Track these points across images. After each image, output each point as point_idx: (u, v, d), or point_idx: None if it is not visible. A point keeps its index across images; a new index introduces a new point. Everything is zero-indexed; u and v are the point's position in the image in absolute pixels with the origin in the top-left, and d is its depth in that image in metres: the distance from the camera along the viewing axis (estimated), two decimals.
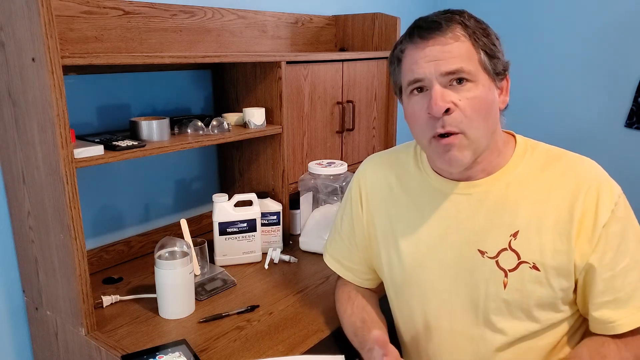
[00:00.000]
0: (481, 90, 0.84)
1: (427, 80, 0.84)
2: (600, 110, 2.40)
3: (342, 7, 2.18)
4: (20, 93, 1.03)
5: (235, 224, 1.43)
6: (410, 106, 0.88)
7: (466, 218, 0.91)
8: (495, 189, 0.90)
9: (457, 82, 0.83)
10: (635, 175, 2.32)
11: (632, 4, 2.23)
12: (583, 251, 0.85)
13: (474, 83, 0.83)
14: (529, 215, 0.87)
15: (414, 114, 0.88)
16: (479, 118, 0.84)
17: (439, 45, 0.83)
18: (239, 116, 1.52)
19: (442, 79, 0.83)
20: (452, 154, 0.85)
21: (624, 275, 0.84)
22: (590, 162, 0.90)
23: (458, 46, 0.83)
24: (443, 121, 0.83)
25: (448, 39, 0.83)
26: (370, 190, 1.05)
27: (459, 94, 0.83)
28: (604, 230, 0.84)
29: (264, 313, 1.18)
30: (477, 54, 0.84)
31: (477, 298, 0.90)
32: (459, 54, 0.83)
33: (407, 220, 0.98)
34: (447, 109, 0.82)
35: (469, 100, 0.83)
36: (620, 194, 0.86)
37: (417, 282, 0.97)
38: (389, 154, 1.08)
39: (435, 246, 0.94)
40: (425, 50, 0.84)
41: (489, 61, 0.85)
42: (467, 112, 0.83)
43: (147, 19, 1.44)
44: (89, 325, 1.08)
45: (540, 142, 0.95)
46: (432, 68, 0.83)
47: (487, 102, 0.85)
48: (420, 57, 0.84)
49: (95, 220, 1.43)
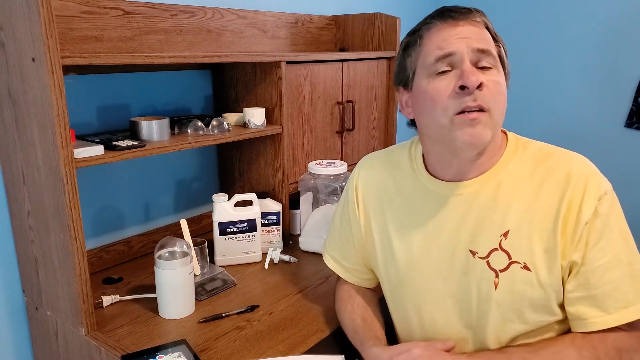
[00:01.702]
0: (501, 78, 0.86)
1: (459, 55, 0.84)
2: (600, 110, 2.40)
3: (342, 7, 2.18)
4: (20, 93, 1.03)
5: (235, 224, 1.43)
6: (432, 86, 0.86)
7: (458, 219, 0.91)
8: (486, 189, 0.90)
9: (482, 68, 0.84)
10: (635, 175, 2.32)
11: (632, 4, 2.23)
12: (566, 249, 0.84)
13: (496, 69, 0.86)
14: (519, 214, 0.87)
15: (438, 92, 0.85)
16: (501, 102, 0.85)
17: (471, 26, 0.86)
18: (239, 116, 1.52)
19: (473, 55, 0.84)
20: (477, 129, 0.83)
21: (601, 273, 0.83)
22: (580, 157, 0.89)
23: (485, 33, 0.87)
24: (475, 95, 0.82)
25: (478, 24, 0.87)
26: (365, 190, 1.05)
27: (486, 75, 0.84)
28: (586, 227, 0.83)
29: (264, 313, 1.18)
30: (497, 47, 0.88)
31: (469, 299, 0.90)
32: (487, 38, 0.86)
33: (400, 221, 0.98)
34: (480, 83, 0.82)
35: (494, 83, 0.84)
36: (608, 191, 0.85)
37: (411, 283, 0.97)
38: (384, 155, 1.08)
39: (428, 247, 0.94)
40: (457, 28, 0.85)
41: (502, 57, 0.89)
42: (493, 92, 0.84)
43: (147, 19, 1.44)
44: (89, 325, 1.08)
45: (532, 140, 0.94)
46: (464, 44, 0.84)
47: (504, 91, 0.87)
48: (452, 35, 0.85)
49: (95, 220, 1.43)
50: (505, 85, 0.88)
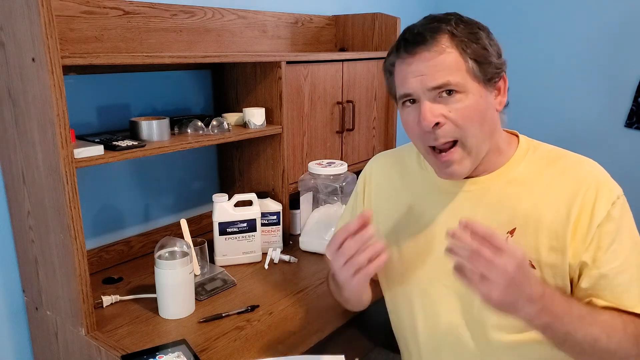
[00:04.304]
0: (471, 100, 0.84)
1: (416, 95, 0.85)
2: (600, 110, 2.40)
3: (342, 7, 2.17)
4: (20, 93, 1.03)
5: (235, 224, 1.43)
6: (404, 117, 0.90)
7: (464, 215, 0.92)
8: (494, 187, 0.91)
9: (446, 93, 0.83)
10: (635, 175, 2.32)
11: (631, 5, 2.23)
12: (577, 250, 0.84)
13: (463, 94, 0.83)
14: (527, 213, 0.87)
15: (408, 124, 0.90)
16: (473, 126, 0.84)
17: (423, 61, 0.83)
18: (239, 116, 1.52)
19: (429, 94, 0.84)
20: (453, 168, 0.87)
21: (612, 276, 0.84)
22: (592, 162, 0.90)
23: (443, 59, 0.82)
24: (435, 134, 0.84)
25: (432, 53, 0.83)
26: (375, 187, 1.07)
27: (448, 105, 0.83)
28: (598, 229, 0.83)
29: (264, 313, 1.18)
30: (465, 63, 0.83)
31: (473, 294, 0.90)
32: (445, 67, 0.82)
33: (407, 217, 0.99)
34: (436, 122, 0.83)
35: (459, 111, 0.83)
36: (620, 196, 0.86)
37: (415, 278, 0.98)
38: (394, 153, 1.11)
39: (434, 243, 0.95)
40: (411, 65, 0.84)
41: (478, 68, 0.84)
42: (458, 122, 0.83)
43: (147, 19, 1.44)
44: (89, 325, 1.08)
45: (543, 143, 0.95)
46: (419, 83, 0.84)
47: (479, 109, 0.85)
48: (408, 72, 0.85)
49: (95, 220, 1.43)
50: (482, 100, 0.84)
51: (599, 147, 2.40)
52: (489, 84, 0.86)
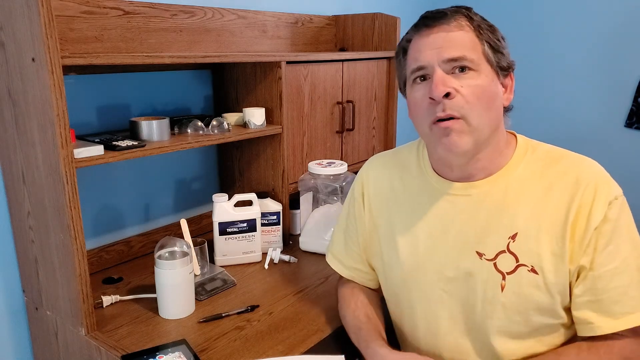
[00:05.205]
0: (484, 80, 0.84)
1: (430, 67, 0.84)
2: (600, 110, 2.40)
3: (342, 7, 2.18)
4: (20, 93, 1.03)
5: (235, 224, 1.43)
6: (413, 94, 0.89)
7: (465, 219, 0.91)
8: (494, 191, 0.90)
9: (459, 70, 0.83)
10: (635, 175, 2.32)
11: (631, 5, 2.23)
12: (575, 254, 0.83)
13: (476, 72, 0.84)
14: (528, 217, 0.86)
15: (416, 101, 0.88)
16: (480, 106, 0.83)
17: (443, 32, 0.84)
18: (239, 116, 1.52)
19: (444, 66, 0.83)
20: (451, 138, 0.84)
21: (609, 278, 0.82)
22: (591, 162, 0.88)
23: (462, 35, 0.84)
24: (444, 105, 0.83)
25: (452, 27, 0.84)
26: (372, 190, 1.05)
27: (460, 80, 0.83)
28: (595, 231, 0.82)
29: (264, 313, 1.18)
30: (482, 45, 0.85)
31: (474, 300, 0.90)
32: (462, 42, 0.84)
33: (406, 221, 0.98)
34: (447, 93, 0.82)
35: (470, 88, 0.83)
36: (618, 196, 0.84)
37: (415, 283, 0.97)
38: (392, 154, 1.08)
39: (434, 247, 0.94)
40: (429, 37, 0.85)
41: (493, 54, 0.85)
42: (468, 98, 0.83)
43: (147, 19, 1.44)
44: (89, 325, 1.08)
45: (541, 143, 0.94)
46: (434, 55, 0.84)
47: (489, 92, 0.85)
48: (424, 45, 0.85)
49: (95, 220, 1.43)
50: (493, 84, 0.86)
51: (599, 147, 2.40)
52: (500, 72, 0.87)
